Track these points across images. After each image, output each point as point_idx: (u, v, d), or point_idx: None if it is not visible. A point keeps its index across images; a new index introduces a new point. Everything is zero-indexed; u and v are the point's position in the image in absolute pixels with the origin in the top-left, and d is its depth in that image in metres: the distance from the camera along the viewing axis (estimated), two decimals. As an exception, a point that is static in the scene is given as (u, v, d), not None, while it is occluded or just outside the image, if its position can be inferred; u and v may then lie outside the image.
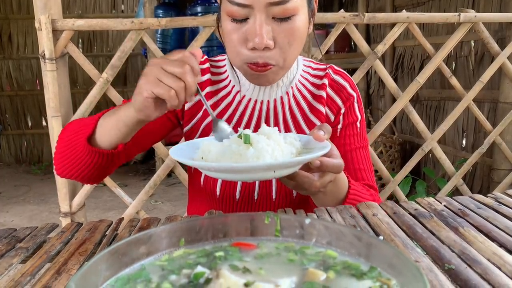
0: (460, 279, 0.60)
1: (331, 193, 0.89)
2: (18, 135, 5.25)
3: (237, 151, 0.69)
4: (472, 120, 3.17)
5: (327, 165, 0.76)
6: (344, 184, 0.91)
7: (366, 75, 4.51)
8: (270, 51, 0.87)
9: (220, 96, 1.04)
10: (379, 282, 0.45)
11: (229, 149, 0.71)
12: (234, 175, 0.70)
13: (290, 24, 0.87)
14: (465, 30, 1.96)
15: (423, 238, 0.73)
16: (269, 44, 0.85)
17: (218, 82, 1.05)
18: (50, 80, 1.68)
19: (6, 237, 0.81)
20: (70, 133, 0.92)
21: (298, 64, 1.06)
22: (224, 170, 0.68)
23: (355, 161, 1.05)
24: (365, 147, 1.08)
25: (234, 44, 0.89)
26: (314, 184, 0.78)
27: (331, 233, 0.53)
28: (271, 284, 0.43)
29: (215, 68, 1.06)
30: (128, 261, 0.49)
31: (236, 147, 0.70)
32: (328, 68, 1.07)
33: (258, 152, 0.68)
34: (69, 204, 1.81)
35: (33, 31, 4.87)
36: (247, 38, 0.86)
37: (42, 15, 1.63)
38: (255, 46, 0.85)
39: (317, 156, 0.71)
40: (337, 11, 1.88)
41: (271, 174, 0.69)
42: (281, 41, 0.87)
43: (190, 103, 1.02)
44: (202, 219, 0.56)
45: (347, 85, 1.06)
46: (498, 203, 0.90)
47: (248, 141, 0.70)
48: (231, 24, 0.88)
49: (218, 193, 1.01)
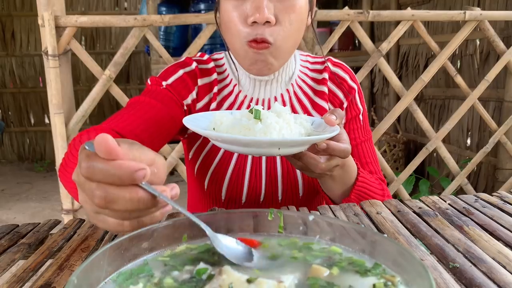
0: (464, 278, 0.59)
1: (339, 179, 0.88)
2: (20, 132, 5.27)
3: (246, 125, 0.71)
4: (477, 119, 3.15)
5: (333, 148, 0.75)
6: (353, 171, 0.90)
7: (370, 74, 4.50)
8: (271, 27, 0.86)
9: (224, 94, 1.01)
10: (383, 279, 0.44)
11: (239, 122, 0.72)
12: (239, 147, 0.71)
13: (292, 2, 0.86)
14: (471, 28, 1.95)
15: (427, 237, 0.73)
16: (270, 19, 0.84)
17: (222, 80, 1.02)
18: (53, 76, 1.68)
19: (9, 233, 0.81)
20: (69, 153, 0.82)
21: (296, 59, 1.04)
22: (230, 142, 0.69)
23: (361, 155, 1.04)
24: (369, 139, 1.07)
25: (234, 23, 0.87)
26: (319, 166, 0.77)
27: (335, 229, 0.53)
28: (274, 280, 0.42)
29: (218, 67, 1.04)
30: (130, 256, 0.49)
31: (246, 121, 0.71)
32: (326, 61, 1.05)
33: (265, 128, 0.70)
34: (71, 201, 1.82)
35: (36, 28, 4.88)
36: (248, 14, 0.85)
37: (45, 11, 1.63)
38: (256, 20, 0.84)
39: (323, 138, 0.71)
40: (341, 9, 1.87)
41: (275, 151, 0.70)
42: (282, 18, 0.86)
43: (201, 103, 1.00)
44: (205, 215, 0.56)
45: (347, 77, 1.04)
46: (504, 201, 0.89)
47: (258, 116, 0.71)
48: (232, 3, 0.87)
49: (223, 197, 0.99)
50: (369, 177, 0.95)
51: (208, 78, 1.00)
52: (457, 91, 3.31)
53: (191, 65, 1.00)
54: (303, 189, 1.00)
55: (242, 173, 0.99)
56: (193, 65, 1.00)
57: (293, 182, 0.99)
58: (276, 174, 0.99)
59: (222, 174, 0.99)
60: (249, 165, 0.99)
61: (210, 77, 1.01)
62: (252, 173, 0.99)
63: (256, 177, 0.99)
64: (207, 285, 0.43)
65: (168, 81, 0.97)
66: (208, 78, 1.00)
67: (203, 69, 1.01)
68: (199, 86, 0.99)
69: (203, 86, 1.00)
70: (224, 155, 0.99)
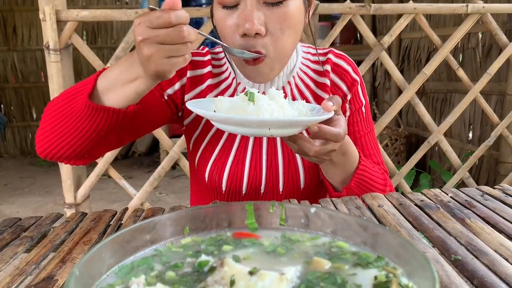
0: (466, 270, 0.59)
1: (340, 165, 0.90)
2: (23, 127, 5.27)
3: (241, 107, 0.74)
4: (479, 112, 3.14)
5: (325, 131, 0.76)
6: (355, 159, 0.91)
7: (372, 67, 4.48)
8: (262, 38, 0.85)
9: (221, 88, 1.01)
10: (385, 271, 0.44)
11: (235, 104, 0.76)
12: (232, 126, 0.74)
13: (282, 9, 0.84)
14: (473, 21, 1.94)
15: (429, 229, 0.73)
16: (260, 30, 0.83)
17: (219, 74, 1.03)
18: (55, 71, 1.68)
19: (11, 226, 0.81)
20: (60, 102, 0.84)
21: (297, 52, 1.04)
22: (222, 121, 0.73)
23: (364, 147, 1.04)
24: (371, 131, 1.08)
25: (226, 32, 0.87)
26: (313, 149, 0.78)
27: (336, 222, 0.53)
28: (276, 272, 0.42)
29: (216, 60, 1.04)
30: (132, 249, 0.49)
31: (241, 103, 0.75)
32: (328, 53, 1.05)
33: (257, 109, 0.73)
34: (74, 195, 1.82)
35: (38, 23, 4.86)
36: (238, 24, 0.84)
37: (46, 6, 1.63)
38: (246, 32, 0.83)
39: (312, 121, 0.74)
40: (343, 2, 1.86)
41: (266, 131, 0.72)
42: (273, 27, 0.85)
43: (190, 95, 1.00)
44: (206, 207, 0.56)
45: (350, 69, 1.04)
46: (506, 194, 0.89)
47: (252, 98, 0.75)
48: (223, 11, 0.86)
49: (224, 188, 1.00)
50: (371, 166, 0.96)
51: (200, 71, 1.01)
52: (459, 85, 3.30)
53: None
54: (304, 181, 1.00)
55: (242, 163, 0.99)
56: None
57: (294, 174, 0.99)
58: (277, 165, 0.99)
59: (222, 164, 0.99)
60: (249, 155, 0.99)
61: (202, 69, 1.01)
62: (252, 163, 0.99)
63: (256, 168, 0.99)
64: (209, 277, 0.43)
65: None
66: (200, 71, 1.01)
67: (196, 61, 1.01)
68: (189, 77, 1.00)
69: (194, 77, 1.00)
70: (224, 145, 1.00)
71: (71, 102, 0.81)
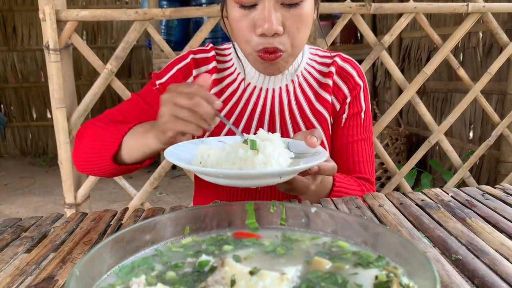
0: (467, 270, 0.59)
1: (317, 189, 0.89)
2: (23, 127, 5.27)
3: (243, 157, 0.69)
4: (479, 112, 3.14)
5: (324, 169, 0.78)
6: (329, 183, 0.93)
7: (372, 67, 4.48)
8: (280, 37, 0.88)
9: (225, 83, 1.04)
10: (386, 271, 0.44)
11: (234, 154, 0.70)
12: (243, 181, 0.70)
13: (299, 10, 0.87)
14: (474, 20, 1.93)
15: (430, 229, 0.72)
16: (279, 30, 0.86)
17: (224, 70, 1.05)
18: (55, 71, 1.68)
19: (12, 227, 0.81)
20: (93, 142, 0.93)
21: (303, 52, 1.06)
22: (236, 177, 0.67)
23: (355, 154, 1.05)
24: (367, 139, 1.07)
25: (243, 32, 0.89)
26: (309, 188, 0.81)
27: (337, 222, 0.53)
28: (276, 272, 0.42)
29: (221, 56, 1.06)
30: (132, 249, 0.49)
31: (244, 153, 0.70)
32: (335, 56, 1.07)
33: (266, 158, 0.69)
34: (74, 195, 1.82)
35: (38, 23, 4.86)
36: (256, 25, 0.87)
37: (46, 5, 1.63)
38: (265, 32, 0.86)
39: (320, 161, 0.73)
40: (343, 1, 1.86)
41: (277, 180, 0.70)
42: (290, 26, 0.88)
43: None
44: (207, 207, 0.56)
45: (354, 73, 1.05)
46: (506, 194, 0.89)
47: (255, 146, 0.70)
48: (240, 11, 0.88)
49: None
50: (347, 181, 0.97)
51: (205, 67, 1.04)
52: (459, 84, 3.29)
53: (186, 58, 1.04)
54: None
55: None
56: (188, 58, 1.04)
57: None
58: None
59: None
60: None
61: (207, 66, 1.04)
62: None
63: None
64: (210, 277, 0.43)
65: (162, 79, 1.03)
66: (205, 67, 1.04)
67: (200, 59, 1.04)
68: (195, 76, 1.03)
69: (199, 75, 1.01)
70: None
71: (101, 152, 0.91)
